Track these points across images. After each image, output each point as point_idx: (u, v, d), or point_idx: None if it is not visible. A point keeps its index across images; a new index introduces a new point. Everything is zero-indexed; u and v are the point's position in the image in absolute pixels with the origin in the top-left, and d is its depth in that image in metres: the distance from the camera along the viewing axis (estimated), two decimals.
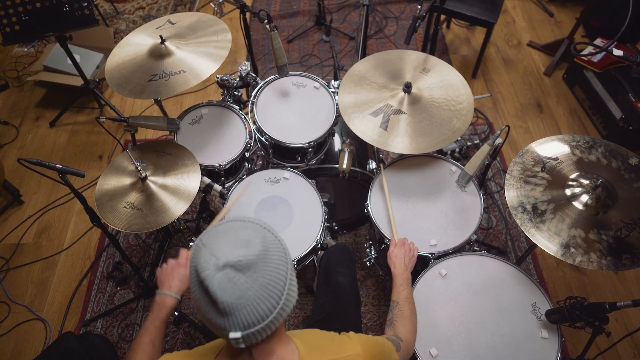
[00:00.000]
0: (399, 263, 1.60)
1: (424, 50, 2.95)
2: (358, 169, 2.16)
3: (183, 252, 1.48)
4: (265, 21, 2.01)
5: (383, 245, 1.97)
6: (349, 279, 1.77)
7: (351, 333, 1.17)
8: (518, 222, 1.54)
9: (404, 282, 1.54)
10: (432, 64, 2.03)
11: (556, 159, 1.67)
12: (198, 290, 0.91)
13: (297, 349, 1.05)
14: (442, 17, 3.46)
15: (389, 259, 1.65)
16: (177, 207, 1.71)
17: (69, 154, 3.05)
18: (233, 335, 0.89)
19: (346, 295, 1.73)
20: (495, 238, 2.58)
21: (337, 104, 2.11)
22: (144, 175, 1.75)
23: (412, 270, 1.64)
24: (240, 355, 1.02)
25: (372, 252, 2.07)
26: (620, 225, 1.49)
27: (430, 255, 1.77)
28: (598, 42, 3.13)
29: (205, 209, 2.54)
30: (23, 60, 3.60)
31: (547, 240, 1.48)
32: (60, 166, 1.57)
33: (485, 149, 1.79)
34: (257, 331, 0.91)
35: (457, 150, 2.77)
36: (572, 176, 1.61)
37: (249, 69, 2.25)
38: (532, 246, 1.92)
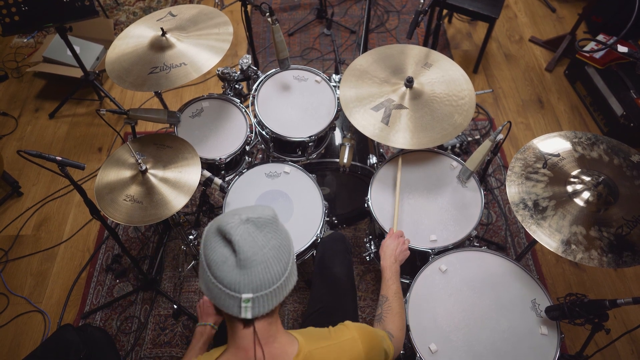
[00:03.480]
0: (390, 254, 1.59)
1: (425, 44, 2.94)
2: (358, 164, 2.15)
3: None
4: (267, 14, 2.00)
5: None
6: (344, 270, 1.77)
7: (347, 322, 1.19)
8: (519, 218, 1.54)
9: (392, 275, 1.53)
10: (434, 59, 2.02)
11: (558, 155, 1.67)
12: (218, 244, 0.95)
13: (296, 339, 1.08)
14: (444, 11, 3.44)
15: (381, 249, 1.64)
16: (177, 201, 1.70)
17: (69, 145, 3.03)
18: (246, 295, 0.93)
19: (342, 287, 1.72)
20: (495, 234, 2.58)
21: (338, 98, 2.10)
22: (144, 168, 1.74)
23: (412, 266, 1.63)
24: (244, 346, 1.02)
25: (372, 247, 2.07)
26: (621, 222, 1.49)
27: (430, 251, 1.77)
28: (600, 38, 3.12)
29: (205, 202, 2.53)
30: (22, 51, 3.58)
31: (548, 237, 1.48)
32: (60, 158, 1.56)
33: (486, 144, 1.78)
34: (266, 295, 0.95)
35: (458, 145, 2.77)
36: (574, 173, 1.61)
37: (250, 62, 2.24)
38: (532, 242, 1.92)
